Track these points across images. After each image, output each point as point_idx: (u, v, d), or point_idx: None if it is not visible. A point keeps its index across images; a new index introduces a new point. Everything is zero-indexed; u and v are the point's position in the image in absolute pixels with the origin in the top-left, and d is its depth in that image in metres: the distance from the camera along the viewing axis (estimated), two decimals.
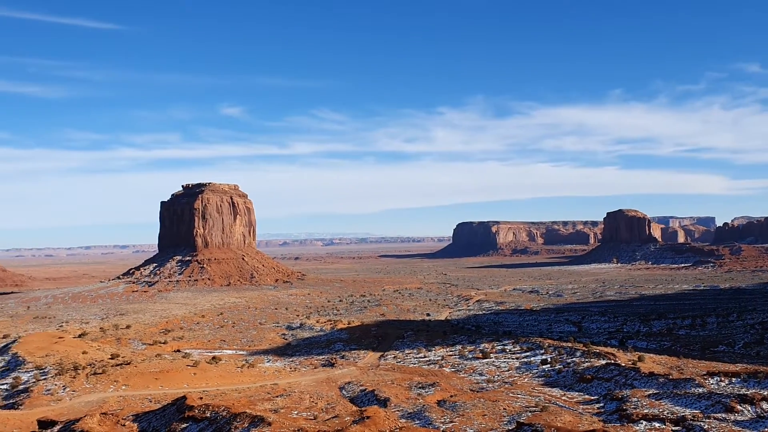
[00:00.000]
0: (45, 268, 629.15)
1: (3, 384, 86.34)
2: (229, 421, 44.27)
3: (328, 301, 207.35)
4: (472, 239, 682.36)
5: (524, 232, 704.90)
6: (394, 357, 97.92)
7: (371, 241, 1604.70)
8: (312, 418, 52.51)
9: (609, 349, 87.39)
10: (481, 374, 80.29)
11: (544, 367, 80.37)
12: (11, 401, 75.21)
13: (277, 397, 67.79)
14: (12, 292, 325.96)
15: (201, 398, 56.28)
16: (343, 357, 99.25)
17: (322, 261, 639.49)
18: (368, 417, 43.54)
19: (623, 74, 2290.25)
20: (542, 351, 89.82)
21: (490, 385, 72.27)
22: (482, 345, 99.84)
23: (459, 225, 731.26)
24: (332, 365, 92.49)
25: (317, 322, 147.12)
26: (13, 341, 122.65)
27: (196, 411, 47.99)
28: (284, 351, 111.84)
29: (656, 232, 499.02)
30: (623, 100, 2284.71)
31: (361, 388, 72.46)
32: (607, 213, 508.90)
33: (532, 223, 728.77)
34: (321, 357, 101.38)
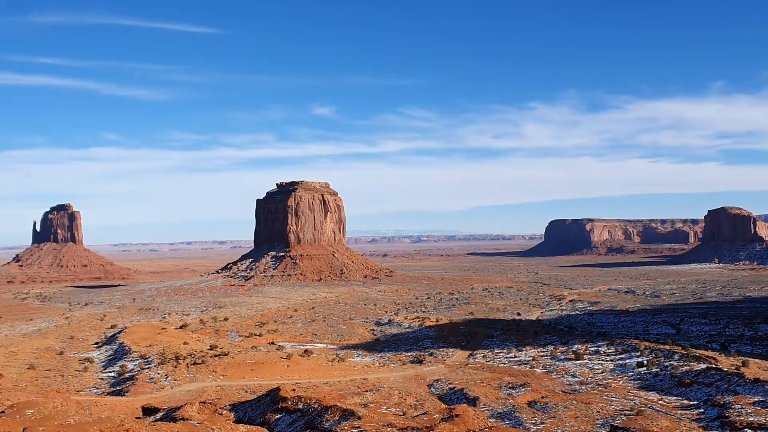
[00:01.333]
0: (149, 263, 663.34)
1: (111, 372, 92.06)
2: (321, 413, 45.40)
3: (416, 298, 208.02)
4: (565, 237, 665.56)
5: (620, 231, 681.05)
6: (484, 356, 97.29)
7: (460, 238, 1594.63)
8: (401, 413, 53.06)
9: (710, 353, 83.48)
10: (573, 376, 78.59)
11: (639, 369, 77.72)
12: (118, 388, 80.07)
13: (366, 391, 68.85)
14: (119, 285, 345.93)
15: (294, 390, 57.94)
16: (431, 354, 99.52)
17: (410, 258, 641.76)
18: (457, 415, 43.61)
19: (726, 65, 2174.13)
20: (638, 353, 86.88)
21: (583, 387, 70.63)
22: (575, 346, 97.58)
23: (551, 222, 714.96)
24: (420, 362, 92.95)
25: (405, 318, 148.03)
26: (120, 331, 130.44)
27: (289, 402, 49.51)
28: (373, 346, 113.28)
29: (762, 231, 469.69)
30: (726, 93, 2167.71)
31: (449, 386, 72.51)
32: (709, 211, 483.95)
33: (628, 220, 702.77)
34: (409, 354, 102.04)
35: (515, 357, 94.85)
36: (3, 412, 50.73)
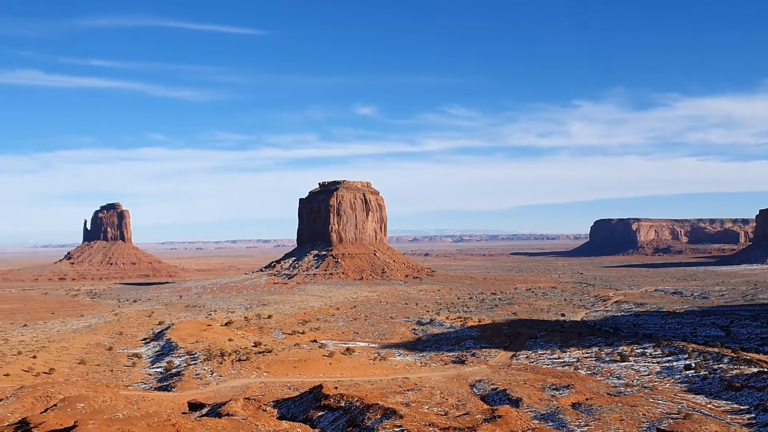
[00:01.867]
0: (195, 261, 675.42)
1: (158, 367, 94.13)
2: (363, 411, 45.59)
3: (458, 298, 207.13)
4: (611, 237, 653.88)
5: (667, 230, 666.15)
6: (527, 357, 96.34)
7: (502, 238, 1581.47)
8: (443, 413, 52.94)
9: (762, 356, 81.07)
10: (618, 378, 77.25)
11: (687, 372, 75.95)
12: (165, 383, 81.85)
13: (408, 390, 68.89)
14: (167, 282, 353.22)
15: (336, 388, 58.33)
16: (473, 355, 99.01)
17: (451, 257, 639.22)
18: (500, 416, 43.31)
19: None
20: (686, 356, 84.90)
21: (629, 390, 69.37)
22: (620, 348, 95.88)
23: (596, 222, 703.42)
24: (462, 362, 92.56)
25: (447, 318, 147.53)
26: (167, 328, 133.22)
27: (332, 400, 49.87)
28: (414, 346, 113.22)
29: None
30: None
31: (492, 386, 72.04)
32: (760, 210, 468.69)
33: (676, 220, 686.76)
34: (451, 353, 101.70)
35: (559, 358, 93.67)
36: (55, 405, 52.34)
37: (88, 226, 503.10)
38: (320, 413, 48.81)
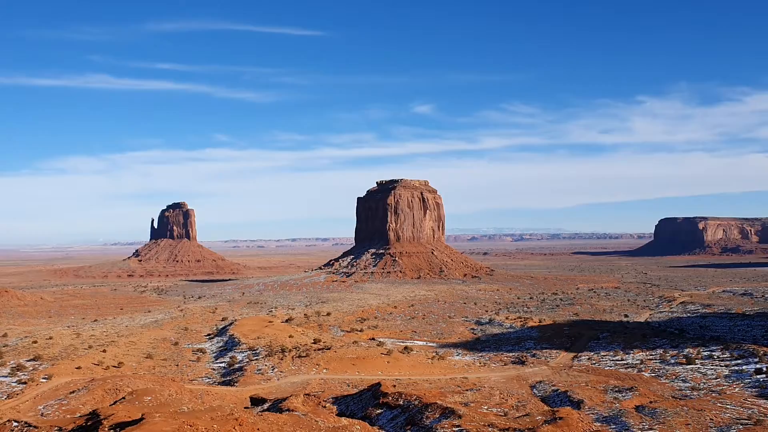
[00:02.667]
0: (257, 258, 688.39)
1: (221, 362, 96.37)
2: (421, 410, 45.64)
3: (518, 298, 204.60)
4: (676, 236, 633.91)
5: (736, 229, 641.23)
6: (589, 358, 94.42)
7: (564, 237, 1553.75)
8: (502, 414, 52.44)
9: None
10: (684, 381, 74.85)
11: (758, 377, 72.94)
12: (228, 378, 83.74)
13: (467, 390, 68.49)
14: (229, 279, 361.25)
15: (394, 386, 58.52)
16: (533, 355, 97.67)
17: (511, 257, 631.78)
18: (561, 418, 42.66)
19: None
20: (756, 359, 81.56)
21: (695, 393, 67.14)
22: (686, 350, 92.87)
23: (661, 221, 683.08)
24: (523, 363, 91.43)
25: (507, 318, 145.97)
26: (230, 324, 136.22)
27: (390, 398, 50.09)
28: (473, 345, 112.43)
29: None
30: None
31: (553, 387, 70.92)
32: None
33: (745, 219, 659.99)
34: (511, 354, 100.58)
35: (622, 360, 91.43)
36: (124, 398, 54.31)
37: (155, 225, 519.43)
38: (379, 411, 49.08)
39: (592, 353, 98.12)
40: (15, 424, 43.42)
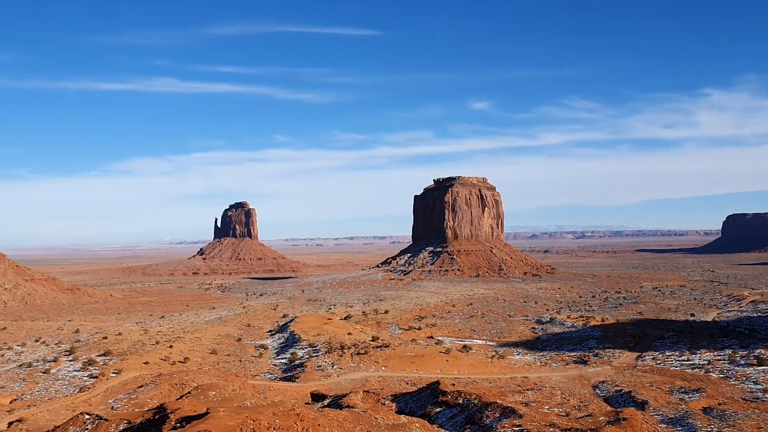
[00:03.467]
0: (316, 256, 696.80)
1: (282, 358, 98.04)
2: (481, 409, 45.37)
3: (580, 297, 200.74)
4: (745, 233, 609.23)
5: None
6: (653, 358, 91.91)
7: (627, 234, 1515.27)
8: (564, 414, 51.64)
9: None
10: (755, 383, 71.97)
11: None
12: (289, 374, 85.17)
13: (527, 390, 67.72)
14: (289, 277, 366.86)
15: (453, 385, 58.37)
16: (596, 355, 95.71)
17: (572, 254, 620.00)
18: (625, 419, 41.72)
19: None
20: None
21: (767, 396, 64.54)
22: (757, 350, 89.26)
23: (729, 217, 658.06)
24: (585, 362, 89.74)
25: (568, 317, 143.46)
26: (291, 321, 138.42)
27: (449, 397, 49.96)
28: (534, 345, 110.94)
29: None
30: None
31: (616, 388, 69.38)
32: None
33: None
34: (573, 353, 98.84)
35: (688, 360, 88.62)
36: (189, 392, 55.81)
37: (219, 224, 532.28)
38: (438, 409, 49.05)
39: (657, 353, 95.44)
40: (87, 416, 45.24)
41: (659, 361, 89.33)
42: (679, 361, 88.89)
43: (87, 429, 43.44)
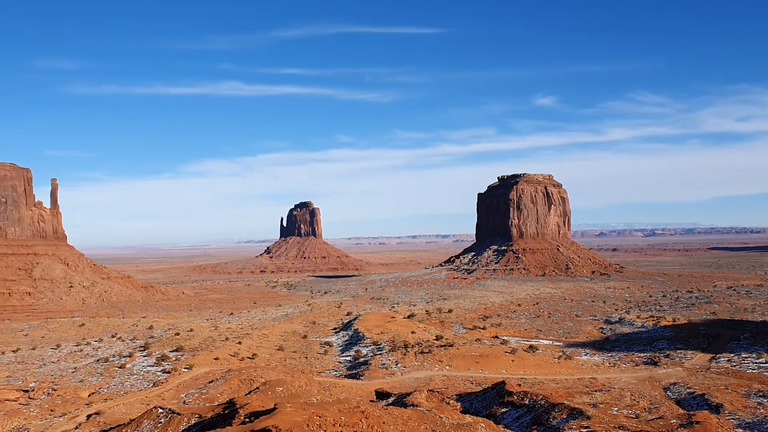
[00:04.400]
0: (379, 255, 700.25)
1: (347, 356, 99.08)
2: (548, 410, 44.79)
3: (650, 296, 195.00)
4: None
5: None
6: (728, 360, 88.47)
7: (699, 231, 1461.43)
8: (633, 416, 50.39)
9: None
10: None
11: None
12: (354, 372, 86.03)
13: (595, 391, 66.37)
14: (353, 275, 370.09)
15: (519, 385, 57.80)
16: (667, 356, 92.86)
17: (642, 253, 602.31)
18: (698, 422, 40.42)
19: None
20: None
21: None
22: None
23: None
24: (655, 364, 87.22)
25: (638, 317, 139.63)
26: (355, 318, 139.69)
27: (515, 397, 49.50)
28: (602, 345, 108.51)
29: None
30: None
31: (688, 390, 67.20)
32: None
33: None
34: (642, 354, 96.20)
35: (766, 363, 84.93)
36: (257, 388, 57.21)
37: (284, 223, 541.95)
38: (504, 409, 48.68)
39: (732, 355, 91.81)
40: (160, 410, 46.97)
41: (734, 364, 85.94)
42: (756, 363, 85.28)
43: (160, 423, 45.11)
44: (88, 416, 62.26)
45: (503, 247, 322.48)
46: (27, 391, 76.19)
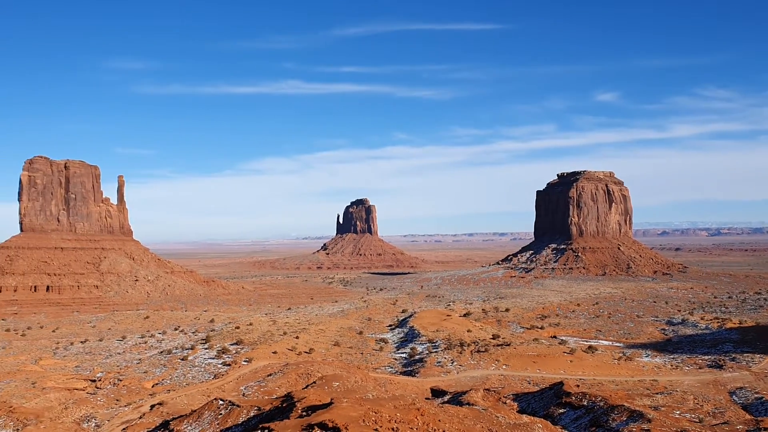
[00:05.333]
0: (434, 252, 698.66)
1: (402, 353, 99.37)
2: (607, 412, 43.96)
3: (715, 297, 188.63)
4: None
5: None
6: None
7: None
8: (697, 420, 48.95)
9: None
10: None
11: None
12: (409, 369, 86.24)
13: (656, 394, 64.76)
14: (409, 273, 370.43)
15: (578, 386, 56.91)
16: (733, 359, 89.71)
17: (707, 253, 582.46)
18: (766, 429, 38.98)
19: None
20: None
21: None
22: None
23: None
24: (720, 367, 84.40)
25: (702, 319, 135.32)
26: (410, 316, 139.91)
27: (574, 398, 48.74)
28: (664, 347, 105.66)
29: None
30: None
31: (756, 395, 64.86)
32: None
33: None
34: (706, 357, 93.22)
35: None
36: (314, 382, 58.00)
37: (340, 220, 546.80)
38: (561, 410, 48.01)
39: None
40: (221, 402, 48.21)
41: None
42: None
43: (221, 414, 46.31)
44: (152, 406, 64.37)
45: (562, 246, 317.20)
46: (94, 380, 79.30)
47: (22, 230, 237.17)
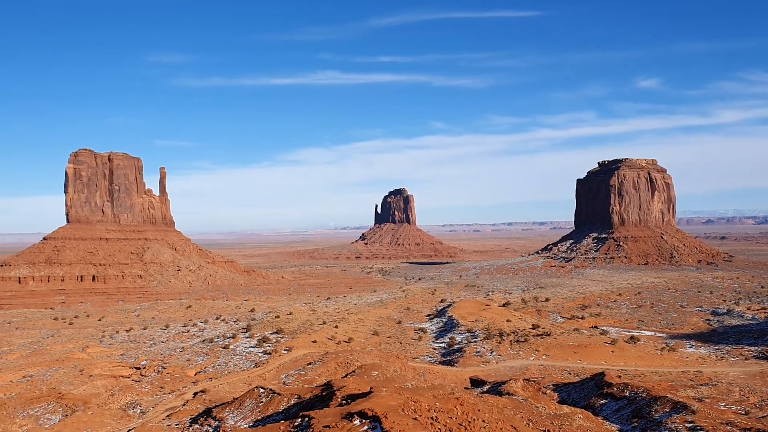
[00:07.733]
0: (473, 242, 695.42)
1: (441, 342, 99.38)
2: (649, 403, 43.36)
3: (762, 287, 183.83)
4: None
5: None
6: None
7: None
8: (743, 413, 47.92)
9: None
10: None
11: None
12: (448, 358, 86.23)
13: (701, 385, 63.52)
14: (447, 262, 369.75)
15: (619, 377, 56.22)
16: None
17: (753, 241, 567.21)
18: None
19: None
20: None
21: None
22: None
23: None
24: (767, 358, 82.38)
25: (748, 309, 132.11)
26: (449, 306, 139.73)
27: (615, 389, 48.19)
28: (709, 337, 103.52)
29: None
30: None
31: None
32: None
33: None
34: (753, 348, 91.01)
35: None
36: (354, 371, 58.44)
37: (379, 210, 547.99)
38: (602, 401, 47.52)
39: None
40: (262, 390, 48.99)
41: None
42: None
43: (261, 402, 47.08)
44: (195, 394, 65.71)
45: (603, 235, 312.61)
46: (139, 368, 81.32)
47: (68, 221, 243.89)
